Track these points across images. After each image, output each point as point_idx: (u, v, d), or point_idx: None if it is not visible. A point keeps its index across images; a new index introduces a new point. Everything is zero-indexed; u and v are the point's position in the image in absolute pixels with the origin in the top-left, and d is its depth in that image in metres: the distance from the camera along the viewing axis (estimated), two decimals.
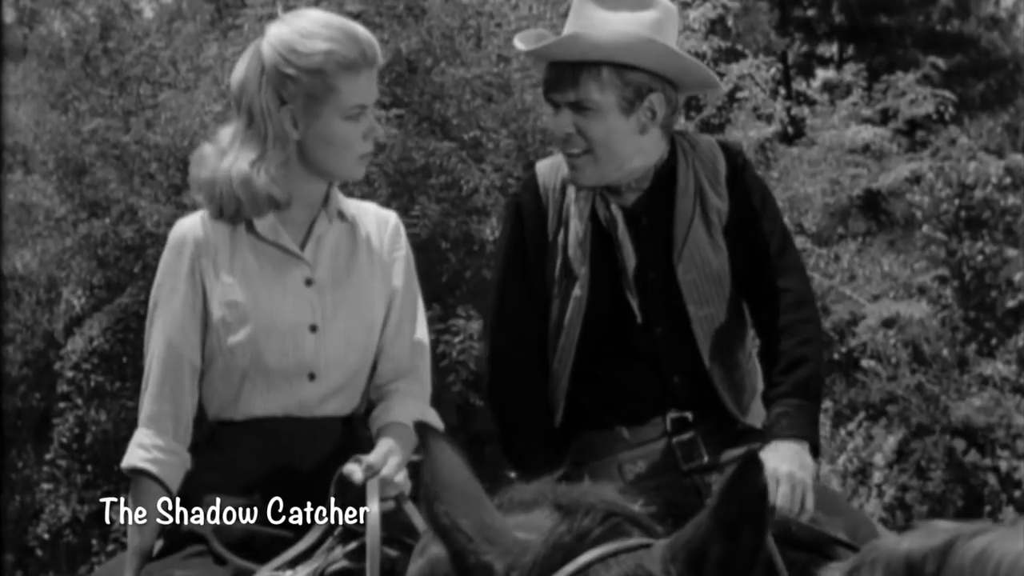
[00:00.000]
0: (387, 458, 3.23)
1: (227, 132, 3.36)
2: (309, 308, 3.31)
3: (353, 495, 3.18)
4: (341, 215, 3.40)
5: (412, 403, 3.35)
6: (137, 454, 3.28)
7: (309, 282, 3.33)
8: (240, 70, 3.33)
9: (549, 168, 3.63)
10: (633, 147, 3.50)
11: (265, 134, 3.28)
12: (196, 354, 3.32)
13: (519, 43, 3.58)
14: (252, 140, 3.29)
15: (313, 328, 3.30)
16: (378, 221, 3.45)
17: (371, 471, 3.19)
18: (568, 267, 3.54)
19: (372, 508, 3.13)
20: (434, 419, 3.23)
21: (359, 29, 3.34)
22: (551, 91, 3.51)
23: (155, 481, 3.26)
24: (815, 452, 3.46)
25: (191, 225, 3.36)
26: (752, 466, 1.88)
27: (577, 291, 3.53)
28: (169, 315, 3.32)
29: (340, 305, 3.33)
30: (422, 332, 3.46)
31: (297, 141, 3.29)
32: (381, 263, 3.41)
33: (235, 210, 3.31)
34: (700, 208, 3.55)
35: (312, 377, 3.30)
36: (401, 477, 3.24)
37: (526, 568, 1.92)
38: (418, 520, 3.19)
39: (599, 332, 3.53)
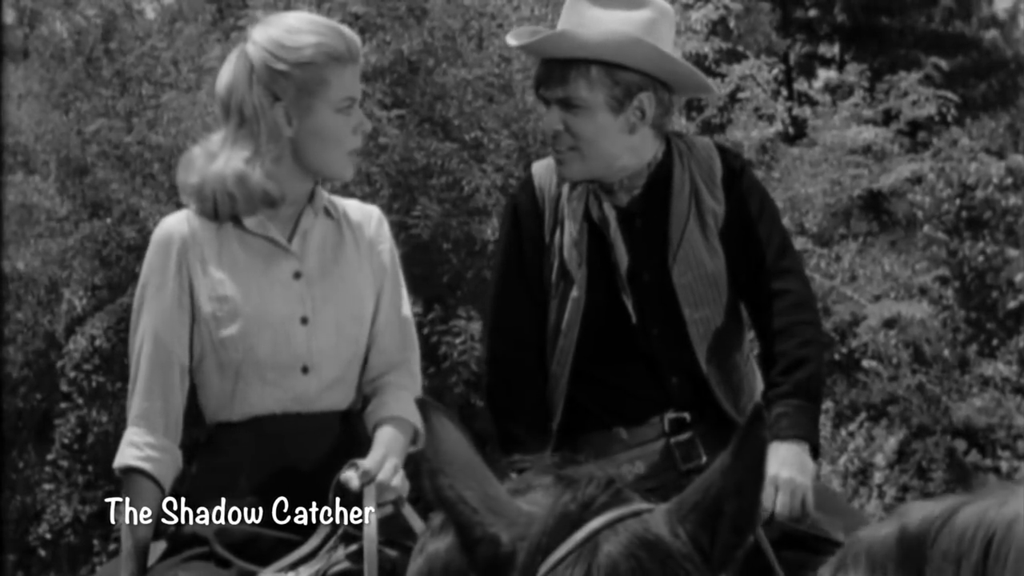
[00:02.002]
0: (383, 462, 3.22)
1: (217, 137, 3.36)
2: (299, 300, 3.31)
3: (351, 500, 3.17)
4: (326, 211, 3.41)
5: (405, 396, 3.34)
6: (129, 452, 3.26)
7: (297, 275, 3.33)
8: (226, 73, 3.33)
9: (545, 169, 3.62)
10: (622, 146, 3.49)
11: (258, 132, 3.28)
12: (184, 351, 3.31)
13: (511, 39, 3.59)
14: (245, 140, 3.29)
15: (304, 320, 3.30)
16: (363, 215, 3.47)
17: (367, 477, 3.17)
18: (565, 268, 3.54)
19: (369, 515, 3.13)
20: None
21: (341, 26, 3.37)
22: (541, 87, 3.53)
23: (149, 479, 3.24)
24: (815, 453, 3.45)
25: (176, 222, 3.35)
26: (756, 423, 1.88)
27: (575, 292, 3.52)
28: (157, 312, 3.30)
29: (329, 297, 3.33)
30: (407, 310, 3.47)
31: (290, 138, 3.30)
32: (368, 256, 3.42)
33: (229, 208, 3.31)
34: (695, 210, 3.55)
35: (305, 370, 3.29)
36: (398, 480, 3.22)
37: (535, 539, 1.91)
38: (417, 523, 3.18)
39: (597, 333, 3.52)
